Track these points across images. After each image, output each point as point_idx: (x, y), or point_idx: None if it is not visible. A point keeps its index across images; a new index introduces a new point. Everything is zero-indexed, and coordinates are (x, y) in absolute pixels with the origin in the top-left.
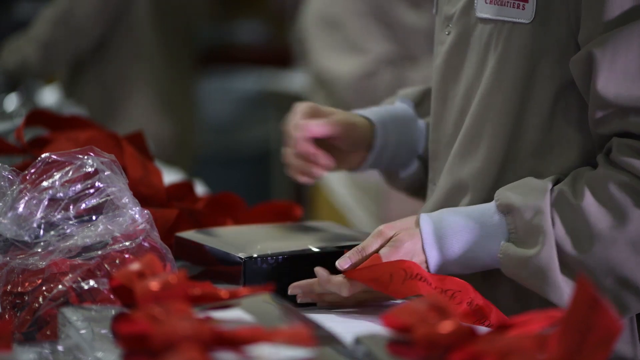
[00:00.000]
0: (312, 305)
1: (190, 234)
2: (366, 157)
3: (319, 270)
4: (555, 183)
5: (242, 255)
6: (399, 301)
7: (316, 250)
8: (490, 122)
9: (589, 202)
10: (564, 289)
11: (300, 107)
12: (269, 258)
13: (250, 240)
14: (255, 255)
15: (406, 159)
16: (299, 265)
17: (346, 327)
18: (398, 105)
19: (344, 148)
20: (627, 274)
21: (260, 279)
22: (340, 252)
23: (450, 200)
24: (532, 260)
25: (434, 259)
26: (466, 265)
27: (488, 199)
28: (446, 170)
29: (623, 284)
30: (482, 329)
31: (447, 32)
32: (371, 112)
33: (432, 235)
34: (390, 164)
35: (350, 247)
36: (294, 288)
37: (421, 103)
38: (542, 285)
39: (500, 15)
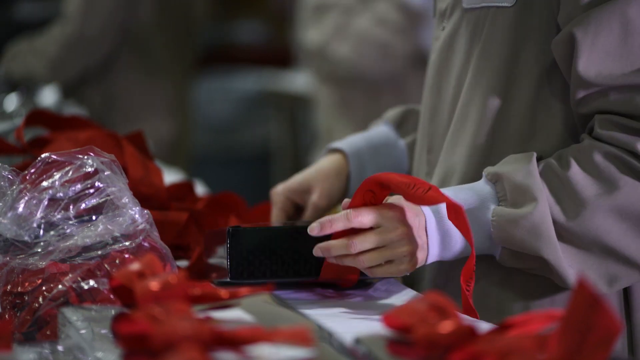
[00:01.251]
0: (311, 305)
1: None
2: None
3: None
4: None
5: (229, 227)
6: (399, 302)
7: (299, 224)
8: (476, 108)
9: (575, 171)
10: (559, 247)
11: (276, 203)
12: (254, 230)
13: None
14: (240, 226)
15: None
16: (284, 238)
17: (346, 327)
18: (379, 129)
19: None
20: (613, 243)
21: (246, 251)
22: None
23: (443, 187)
24: (526, 218)
25: (430, 218)
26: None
27: (477, 174)
28: (440, 160)
29: (609, 252)
30: (482, 329)
31: (442, 28)
32: (346, 143)
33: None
34: None
35: None
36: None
37: (402, 124)
38: (537, 243)
39: (484, 1)
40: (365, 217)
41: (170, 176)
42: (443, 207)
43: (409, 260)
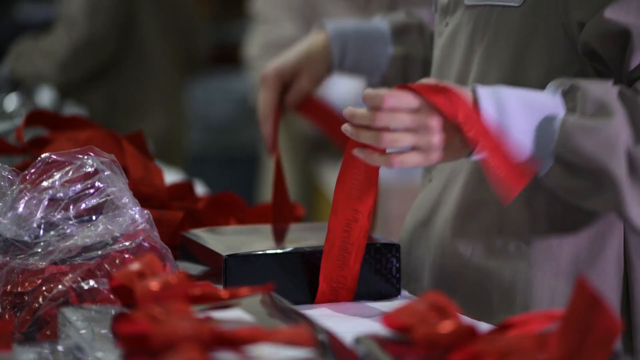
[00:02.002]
0: (311, 305)
1: (195, 233)
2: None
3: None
4: None
5: (224, 253)
6: (398, 301)
7: (300, 250)
8: None
9: None
10: (623, 166)
11: (268, 84)
12: (250, 257)
13: (244, 240)
14: (237, 253)
15: (369, 72)
16: (279, 265)
17: (346, 327)
18: (377, 22)
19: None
20: None
21: (243, 278)
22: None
23: (447, 187)
24: (602, 129)
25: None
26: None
27: (482, 177)
28: None
29: None
30: (482, 329)
31: (445, 24)
32: (334, 26)
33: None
34: (354, 71)
35: None
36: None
37: (401, 33)
38: (608, 156)
39: (489, 0)
40: (406, 97)
41: (170, 176)
42: (506, 100)
43: (438, 150)
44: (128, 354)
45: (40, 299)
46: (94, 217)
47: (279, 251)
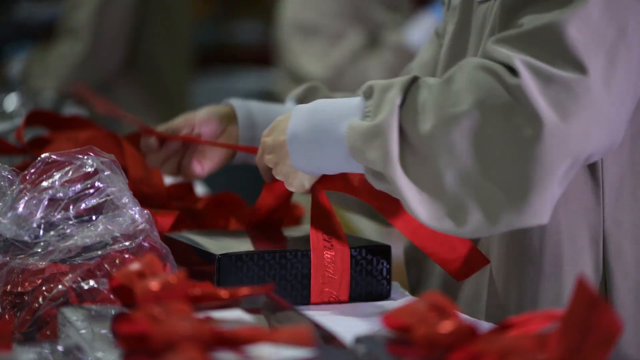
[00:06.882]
0: (312, 305)
1: (179, 235)
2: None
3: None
4: None
5: (217, 252)
6: (399, 301)
7: (288, 250)
8: None
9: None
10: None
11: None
12: (243, 256)
13: (234, 241)
14: (230, 252)
15: None
16: (272, 264)
17: (346, 327)
18: (286, 105)
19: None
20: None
21: (235, 277)
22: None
23: None
24: (371, 127)
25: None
26: (315, 138)
27: None
28: None
29: (464, 180)
30: (482, 329)
31: (453, 23)
32: (237, 101)
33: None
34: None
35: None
36: None
37: (304, 99)
38: (381, 162)
39: None
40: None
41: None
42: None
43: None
44: (128, 354)
45: (40, 299)
46: (94, 217)
47: (271, 250)
